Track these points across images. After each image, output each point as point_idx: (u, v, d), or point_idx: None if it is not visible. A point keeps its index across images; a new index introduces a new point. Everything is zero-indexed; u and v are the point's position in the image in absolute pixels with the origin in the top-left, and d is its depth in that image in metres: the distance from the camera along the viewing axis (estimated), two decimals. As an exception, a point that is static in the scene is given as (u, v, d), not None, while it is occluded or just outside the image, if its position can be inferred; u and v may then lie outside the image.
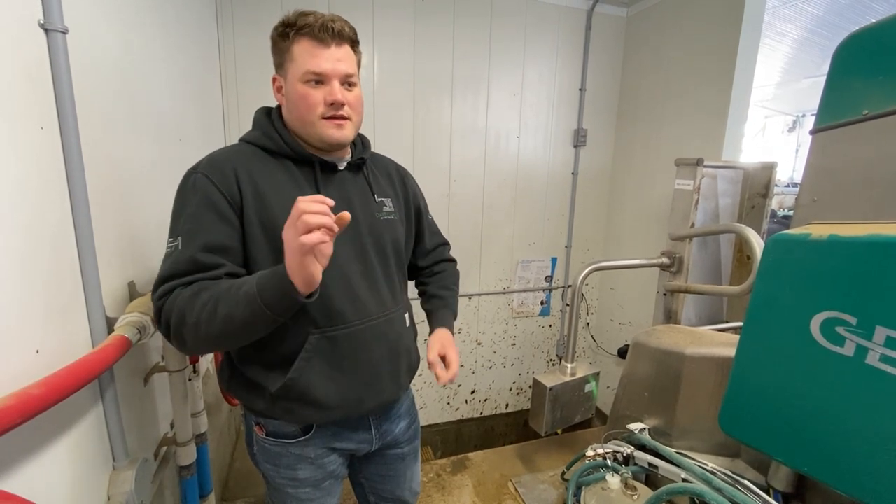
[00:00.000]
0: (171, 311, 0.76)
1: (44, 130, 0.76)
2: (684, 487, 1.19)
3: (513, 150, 2.81)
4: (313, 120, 0.88)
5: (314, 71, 0.85)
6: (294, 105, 0.89)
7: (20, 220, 0.70)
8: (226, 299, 0.74)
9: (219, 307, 0.73)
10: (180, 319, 0.75)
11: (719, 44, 2.21)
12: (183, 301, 0.76)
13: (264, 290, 0.72)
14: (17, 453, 0.67)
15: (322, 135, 0.89)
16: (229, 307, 0.73)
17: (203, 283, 0.78)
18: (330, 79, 0.87)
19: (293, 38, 0.87)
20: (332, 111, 0.88)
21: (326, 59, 0.86)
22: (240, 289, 0.74)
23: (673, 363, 1.44)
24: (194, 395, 1.34)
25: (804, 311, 0.87)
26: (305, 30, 0.85)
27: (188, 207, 0.83)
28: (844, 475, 0.85)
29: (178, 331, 0.76)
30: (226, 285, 0.76)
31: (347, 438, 1.02)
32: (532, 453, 2.28)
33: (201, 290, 0.77)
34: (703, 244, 2.09)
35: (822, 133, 1.09)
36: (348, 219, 0.73)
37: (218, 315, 0.73)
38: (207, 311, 0.74)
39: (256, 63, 2.23)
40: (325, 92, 0.87)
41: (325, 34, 0.85)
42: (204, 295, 0.76)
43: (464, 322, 2.97)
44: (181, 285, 0.78)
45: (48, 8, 0.77)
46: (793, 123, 8.56)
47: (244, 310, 0.73)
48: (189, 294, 0.76)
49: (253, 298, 0.72)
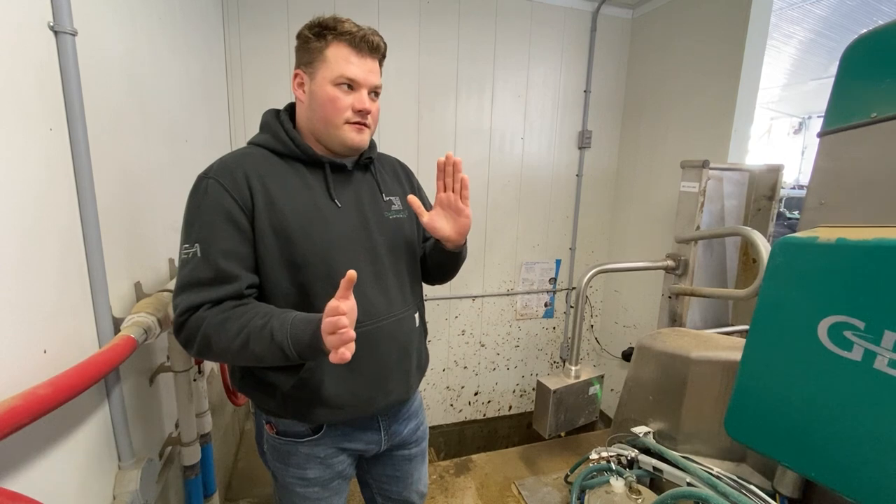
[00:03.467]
0: (195, 332, 0.81)
1: (52, 131, 0.77)
2: (689, 492, 1.18)
3: (517, 151, 2.81)
4: (338, 123, 0.91)
5: (349, 77, 0.88)
6: (320, 105, 0.91)
7: (28, 221, 0.70)
8: (257, 339, 0.78)
9: (250, 344, 0.78)
10: (205, 344, 0.80)
11: (725, 45, 2.20)
12: (210, 328, 0.79)
13: (298, 343, 0.77)
14: (24, 453, 0.68)
15: (344, 138, 0.92)
16: (260, 348, 0.78)
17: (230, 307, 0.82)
18: (361, 87, 0.90)
19: (331, 41, 0.89)
20: (358, 118, 0.91)
21: (361, 67, 0.89)
22: (273, 337, 0.78)
23: (678, 367, 1.44)
24: (199, 395, 1.34)
25: (812, 314, 0.87)
26: (346, 37, 0.88)
27: (203, 214, 0.84)
28: (852, 481, 0.84)
29: (201, 352, 0.82)
30: (257, 321, 0.79)
31: (357, 439, 1.03)
32: (535, 456, 2.27)
33: (229, 319, 0.80)
34: (709, 247, 2.08)
35: (829, 136, 1.08)
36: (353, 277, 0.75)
37: (248, 352, 0.79)
38: (237, 345, 0.78)
39: (262, 64, 2.24)
40: (354, 98, 0.90)
41: (364, 45, 0.89)
42: (233, 326, 0.79)
43: (467, 323, 2.97)
44: (207, 303, 0.81)
45: (57, 10, 0.77)
46: (799, 125, 8.53)
47: (274, 352, 0.78)
48: (217, 321, 0.80)
49: (285, 347, 0.77)
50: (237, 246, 0.84)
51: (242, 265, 0.85)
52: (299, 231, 0.88)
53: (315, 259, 0.89)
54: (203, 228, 0.83)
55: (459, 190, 0.97)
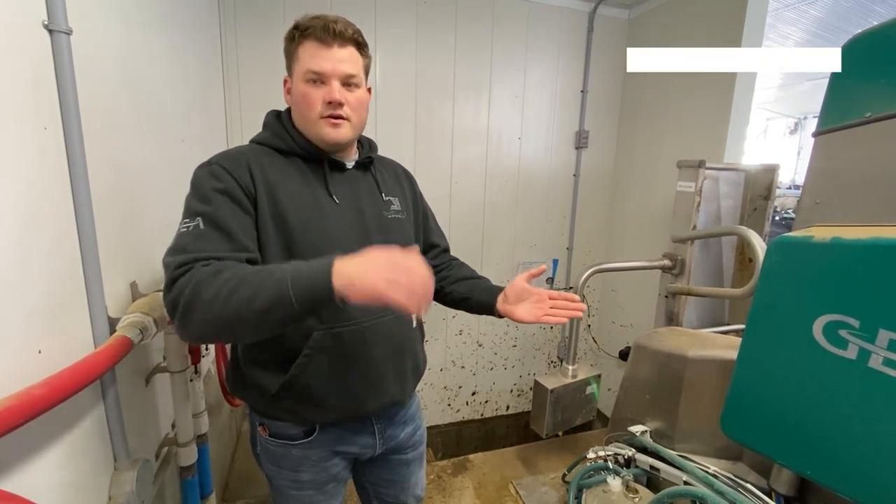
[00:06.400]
0: (187, 283, 0.71)
1: (47, 131, 0.76)
2: (686, 490, 1.19)
3: (514, 151, 2.81)
4: (313, 118, 0.89)
5: (314, 70, 0.87)
6: (296, 104, 0.91)
7: (23, 220, 0.70)
8: (251, 281, 0.69)
9: (241, 287, 0.68)
10: (194, 293, 0.69)
11: (721, 46, 2.21)
12: (202, 274, 0.71)
13: (299, 276, 0.68)
14: (19, 454, 0.67)
15: (319, 133, 0.90)
16: (254, 289, 0.68)
17: (227, 263, 0.75)
18: (329, 78, 0.88)
19: (298, 39, 0.88)
20: (329, 110, 0.88)
21: (327, 59, 0.87)
22: (272, 274, 0.69)
23: (675, 366, 1.44)
24: (195, 395, 1.34)
25: (807, 313, 0.87)
26: (309, 31, 0.87)
27: (206, 192, 0.81)
28: (847, 479, 0.84)
29: (188, 306, 0.69)
30: (253, 269, 0.73)
31: (351, 442, 1.02)
32: (533, 455, 2.27)
33: (224, 269, 0.72)
34: (705, 246, 2.08)
35: (824, 136, 1.09)
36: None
37: (238, 295, 0.68)
38: (227, 288, 0.68)
39: (259, 64, 2.23)
40: (324, 91, 0.88)
41: (328, 35, 0.86)
42: (227, 273, 0.71)
43: (464, 323, 2.97)
44: (203, 260, 0.74)
45: (52, 9, 0.77)
46: (795, 126, 8.56)
47: (268, 293, 0.67)
48: (211, 270, 0.72)
49: (283, 283, 0.67)
50: (240, 219, 0.82)
51: (245, 236, 0.81)
52: (298, 224, 0.88)
53: (312, 253, 0.88)
54: (205, 203, 0.80)
55: (563, 304, 0.97)
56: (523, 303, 1.01)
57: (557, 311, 0.97)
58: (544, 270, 1.00)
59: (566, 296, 0.99)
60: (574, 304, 0.98)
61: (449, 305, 1.17)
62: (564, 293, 0.99)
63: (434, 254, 1.21)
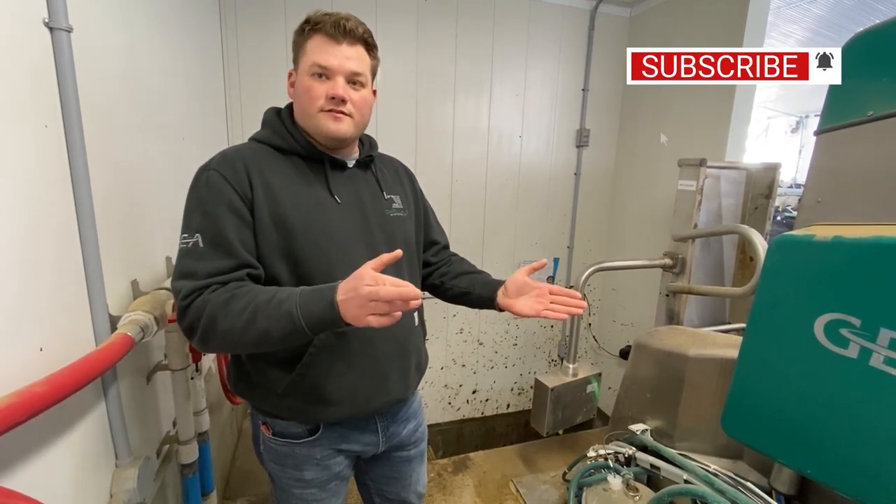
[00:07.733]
0: (199, 313, 0.76)
1: (48, 128, 0.77)
2: (686, 489, 1.19)
3: (515, 150, 2.81)
4: (313, 111, 0.89)
5: (320, 64, 0.87)
6: (299, 97, 0.91)
7: (24, 218, 0.70)
8: (264, 312, 0.74)
9: (257, 320, 0.74)
10: (210, 324, 0.75)
11: (723, 44, 2.20)
12: (215, 306, 0.75)
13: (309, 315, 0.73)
14: (20, 451, 0.68)
15: (319, 126, 0.90)
16: (268, 322, 0.73)
17: (234, 287, 0.78)
18: (335, 74, 0.88)
19: (308, 33, 0.88)
20: (331, 105, 0.88)
21: (335, 54, 0.87)
22: (280, 305, 0.74)
23: (675, 364, 1.44)
24: (196, 393, 1.34)
25: (808, 312, 0.87)
26: (319, 25, 0.87)
27: (204, 205, 0.83)
28: (847, 477, 0.85)
29: (206, 335, 0.76)
30: (263, 296, 0.76)
31: (354, 440, 1.02)
32: (533, 454, 2.27)
33: (235, 297, 0.76)
34: (706, 245, 2.08)
35: (826, 134, 1.09)
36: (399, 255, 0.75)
37: (255, 327, 0.74)
38: (244, 320, 0.74)
39: (259, 61, 2.23)
40: (328, 86, 0.88)
41: (338, 31, 0.87)
42: (238, 303, 0.75)
43: (465, 322, 2.97)
44: (211, 286, 0.78)
45: (53, 6, 0.77)
46: (796, 124, 8.54)
47: (283, 326, 0.73)
48: (223, 299, 0.76)
49: (295, 318, 0.73)
50: (239, 232, 0.83)
51: (245, 249, 0.83)
52: (299, 224, 0.87)
53: (314, 252, 0.88)
54: (204, 218, 0.82)
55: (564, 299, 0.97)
56: (524, 297, 1.00)
57: (558, 307, 0.96)
58: (545, 264, 1.00)
59: (567, 291, 0.98)
60: (575, 300, 0.97)
61: (450, 301, 1.17)
62: (566, 289, 0.98)
63: (435, 251, 1.21)
